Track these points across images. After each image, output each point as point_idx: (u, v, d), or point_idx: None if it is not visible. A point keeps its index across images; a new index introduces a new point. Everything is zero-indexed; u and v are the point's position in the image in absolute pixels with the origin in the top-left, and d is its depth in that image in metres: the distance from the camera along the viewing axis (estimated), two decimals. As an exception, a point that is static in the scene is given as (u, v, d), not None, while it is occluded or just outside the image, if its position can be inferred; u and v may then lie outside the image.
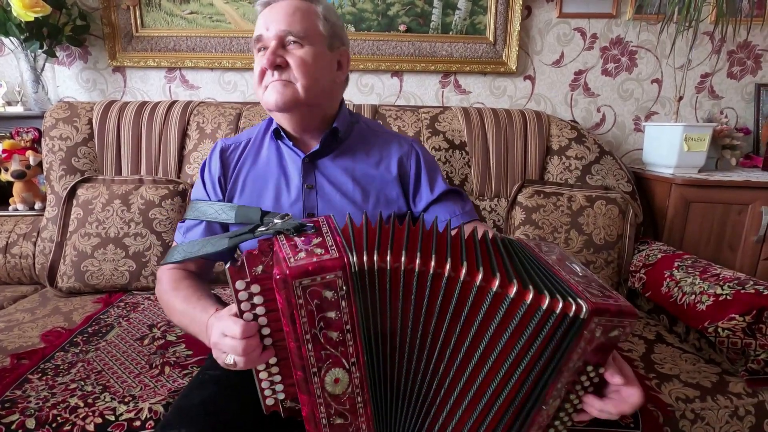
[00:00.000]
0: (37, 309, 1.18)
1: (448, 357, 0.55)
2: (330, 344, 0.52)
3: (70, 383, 0.85)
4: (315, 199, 0.82)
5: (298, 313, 0.50)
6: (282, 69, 0.74)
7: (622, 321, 0.50)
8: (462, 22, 1.65)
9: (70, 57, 1.65)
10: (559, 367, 0.52)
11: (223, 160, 0.85)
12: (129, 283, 1.26)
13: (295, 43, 0.75)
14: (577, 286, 0.52)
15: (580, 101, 1.74)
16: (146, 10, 1.61)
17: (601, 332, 0.51)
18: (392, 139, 0.90)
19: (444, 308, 0.53)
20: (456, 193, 0.88)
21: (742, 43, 1.69)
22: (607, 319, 0.50)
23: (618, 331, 0.51)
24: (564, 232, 1.34)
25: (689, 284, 1.09)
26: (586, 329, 0.50)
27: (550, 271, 0.55)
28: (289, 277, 0.48)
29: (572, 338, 0.51)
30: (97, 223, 1.27)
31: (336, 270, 0.49)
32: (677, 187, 1.41)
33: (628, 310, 0.51)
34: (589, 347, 0.51)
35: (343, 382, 0.54)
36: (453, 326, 0.53)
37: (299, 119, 0.80)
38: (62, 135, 1.39)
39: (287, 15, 0.75)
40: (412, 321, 0.54)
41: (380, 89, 1.72)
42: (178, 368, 0.91)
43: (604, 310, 0.49)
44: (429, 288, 0.52)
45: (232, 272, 0.51)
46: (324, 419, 0.55)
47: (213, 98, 1.70)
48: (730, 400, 0.89)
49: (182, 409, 0.67)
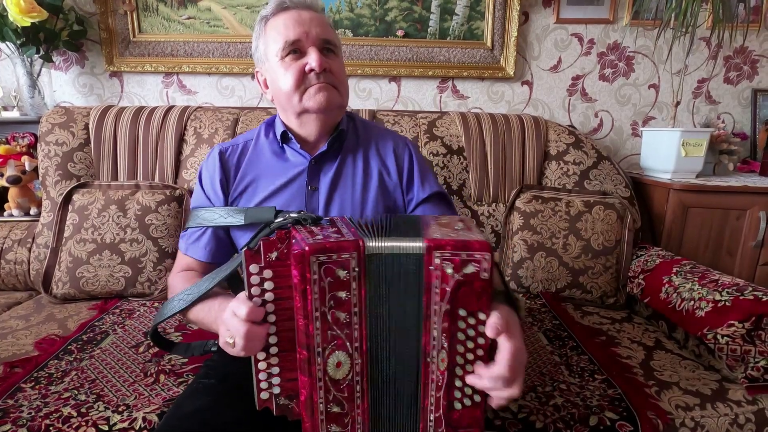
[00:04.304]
0: (31, 316, 1.17)
1: (403, 341, 0.57)
2: (337, 325, 0.54)
3: (63, 392, 0.84)
4: (318, 200, 0.82)
5: (311, 288, 0.52)
6: (326, 73, 0.78)
7: (471, 255, 0.51)
8: (460, 28, 1.65)
9: (67, 62, 1.64)
10: (423, 310, 0.53)
11: (222, 162, 0.84)
12: (125, 289, 1.25)
13: (332, 52, 0.80)
14: (432, 234, 0.54)
15: (577, 106, 1.74)
16: (143, 15, 1.61)
17: (453, 269, 0.51)
18: (387, 136, 0.91)
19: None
20: (444, 198, 0.89)
21: (738, 49, 1.70)
22: (452, 253, 0.51)
23: (473, 266, 0.51)
24: (562, 237, 1.33)
25: (688, 290, 1.09)
26: (431, 264, 0.52)
27: (422, 229, 0.57)
28: (308, 252, 0.51)
29: (420, 274, 0.53)
30: (92, 228, 1.26)
31: (351, 250, 0.52)
32: (675, 193, 1.41)
33: (474, 241, 0.51)
34: (446, 286, 0.52)
35: (344, 367, 0.55)
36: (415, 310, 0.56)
37: (327, 121, 0.82)
38: (58, 140, 1.38)
39: (322, 24, 0.79)
40: (406, 310, 0.55)
41: (378, 94, 1.72)
42: (173, 376, 0.90)
43: (443, 245, 0.51)
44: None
45: (248, 255, 0.52)
46: (322, 404, 0.55)
47: (210, 103, 1.70)
48: (730, 408, 0.88)
49: (175, 418, 0.66)
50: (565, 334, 1.13)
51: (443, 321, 0.53)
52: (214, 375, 0.76)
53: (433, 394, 0.56)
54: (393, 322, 0.56)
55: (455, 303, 0.52)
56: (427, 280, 0.53)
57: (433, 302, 0.53)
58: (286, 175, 0.83)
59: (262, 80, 0.85)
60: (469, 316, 0.53)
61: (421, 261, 0.53)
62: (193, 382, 0.77)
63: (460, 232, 0.55)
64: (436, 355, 0.54)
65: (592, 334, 1.14)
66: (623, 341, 1.11)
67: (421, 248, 0.52)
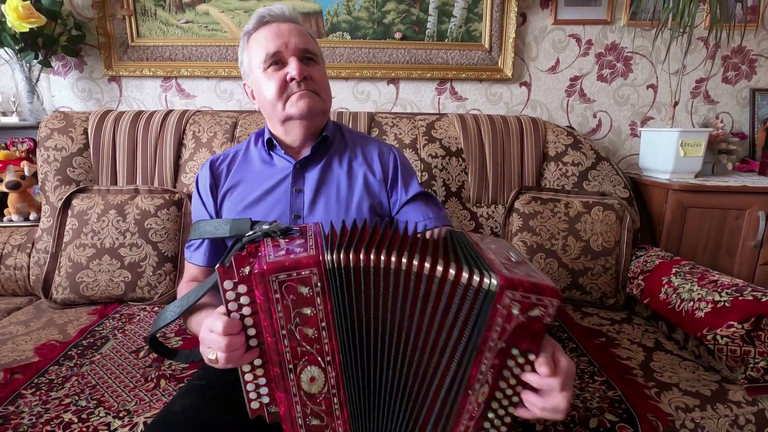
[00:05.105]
0: (31, 321, 1.17)
1: (418, 356, 0.56)
2: (306, 341, 0.53)
3: (64, 398, 0.84)
4: (302, 201, 0.85)
5: (274, 307, 0.52)
6: (307, 80, 0.81)
7: (541, 299, 0.49)
8: (457, 30, 1.65)
9: (65, 67, 1.65)
10: (477, 345, 0.52)
11: (213, 170, 0.91)
12: (124, 294, 1.25)
13: (312, 60, 0.84)
14: (497, 265, 0.51)
15: (576, 107, 1.75)
16: (142, 19, 1.61)
17: (519, 310, 0.50)
18: (373, 143, 0.95)
19: (404, 302, 0.54)
20: (430, 197, 0.91)
21: (736, 49, 1.70)
22: (523, 295, 0.49)
23: (539, 310, 0.50)
24: (561, 238, 1.34)
25: (687, 291, 1.09)
26: (500, 303, 0.49)
27: (479, 254, 0.55)
28: (267, 272, 0.50)
29: (485, 312, 0.50)
30: (92, 233, 1.27)
31: (311, 266, 0.51)
32: (674, 193, 1.41)
33: (546, 286, 0.49)
34: (508, 326, 0.50)
35: (318, 382, 0.55)
36: (417, 320, 0.55)
37: (311, 127, 0.86)
38: (57, 145, 1.38)
39: (301, 35, 0.83)
40: (382, 321, 0.55)
41: (376, 97, 1.72)
42: (173, 381, 0.90)
43: (516, 285, 0.49)
44: (393, 285, 0.54)
45: (221, 272, 0.52)
46: (300, 419, 0.56)
47: (209, 107, 1.70)
48: (730, 409, 0.88)
49: (164, 417, 0.67)
50: (564, 336, 1.13)
51: (495, 358, 0.52)
52: (206, 377, 0.77)
53: (464, 422, 0.56)
54: (381, 335, 0.56)
55: (510, 341, 0.51)
56: (491, 317, 0.50)
57: (491, 339, 0.51)
58: (272, 179, 0.87)
59: (249, 92, 0.90)
60: (519, 356, 0.52)
61: (487, 297, 0.50)
62: (186, 383, 0.79)
63: (521, 266, 0.53)
64: (479, 388, 0.54)
65: (592, 335, 1.14)
66: (623, 342, 1.11)
67: (495, 286, 0.49)
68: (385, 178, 0.90)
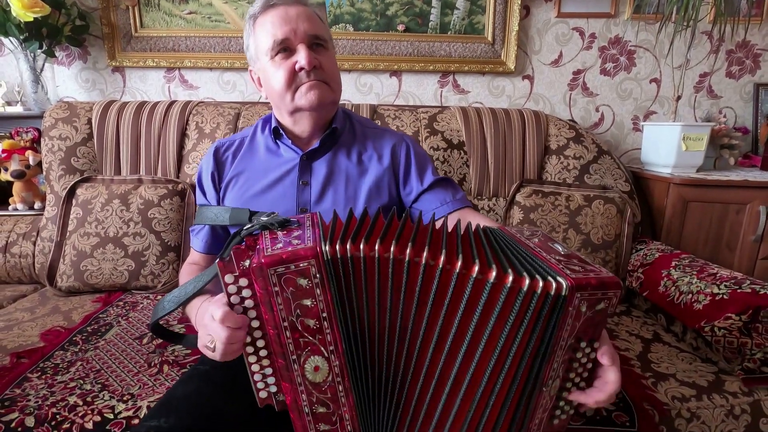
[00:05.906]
0: (36, 308, 1.18)
1: (434, 347, 0.55)
2: (308, 332, 0.53)
3: (69, 382, 0.86)
4: (309, 194, 0.83)
5: (274, 300, 0.52)
6: (317, 70, 0.78)
7: (606, 293, 0.51)
8: (460, 22, 1.65)
9: (69, 57, 1.65)
10: (551, 347, 0.52)
11: (217, 158, 0.89)
12: (128, 282, 1.27)
13: (321, 47, 0.80)
14: (557, 265, 0.52)
15: (578, 101, 1.74)
16: (145, 10, 1.61)
17: (587, 307, 0.51)
18: (385, 134, 0.92)
19: (423, 297, 0.53)
20: (447, 182, 0.89)
21: (740, 43, 1.69)
22: (590, 293, 0.50)
23: (604, 303, 0.51)
24: (562, 231, 1.34)
25: (686, 284, 1.09)
26: (570, 305, 0.50)
27: (531, 253, 0.56)
28: (265, 265, 0.50)
29: (558, 316, 0.50)
30: (96, 222, 1.28)
31: (309, 258, 0.51)
32: (675, 187, 1.41)
33: (610, 281, 0.51)
34: (577, 323, 0.51)
35: (323, 371, 0.55)
36: (435, 316, 0.53)
37: (320, 118, 0.83)
38: (61, 135, 1.39)
39: (310, 19, 0.78)
40: (390, 311, 0.54)
41: (379, 89, 1.72)
42: (176, 367, 0.92)
43: (585, 285, 0.49)
44: (406, 277, 0.52)
45: (221, 266, 0.52)
46: (306, 407, 0.56)
47: (212, 98, 1.71)
48: (726, 399, 0.89)
49: (166, 402, 0.68)
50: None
51: (565, 354, 0.53)
52: (210, 362, 0.76)
53: (539, 415, 0.57)
54: (388, 328, 0.55)
55: (578, 335, 0.53)
56: (563, 319, 0.50)
57: (561, 339, 0.52)
58: (278, 170, 0.85)
59: (256, 79, 0.86)
60: (586, 347, 0.54)
61: (557, 302, 0.50)
62: (190, 369, 0.79)
63: (572, 259, 0.54)
64: (551, 383, 0.55)
65: (591, 327, 1.14)
66: (621, 334, 1.12)
67: (565, 289, 0.49)
68: (396, 172, 0.87)
